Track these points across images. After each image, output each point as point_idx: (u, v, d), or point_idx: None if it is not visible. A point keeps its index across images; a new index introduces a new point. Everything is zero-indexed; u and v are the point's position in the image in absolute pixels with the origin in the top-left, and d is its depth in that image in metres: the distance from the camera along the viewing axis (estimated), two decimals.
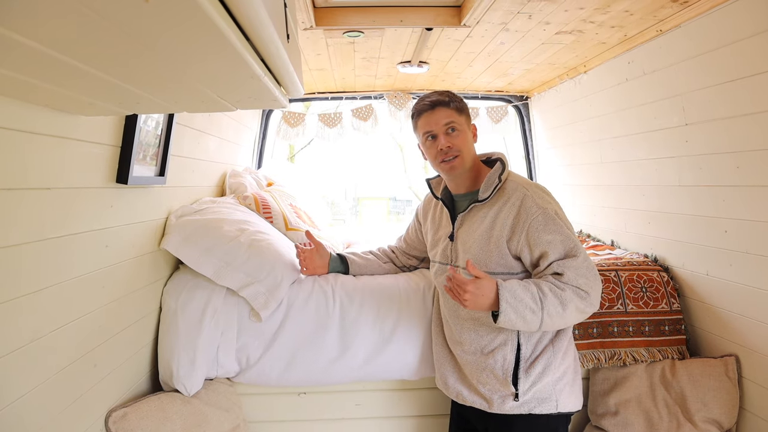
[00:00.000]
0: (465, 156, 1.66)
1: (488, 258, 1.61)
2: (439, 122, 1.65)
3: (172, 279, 2.02)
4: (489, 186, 1.63)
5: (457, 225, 1.71)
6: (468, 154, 1.67)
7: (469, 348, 1.70)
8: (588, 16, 2.00)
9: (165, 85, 0.97)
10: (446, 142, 1.64)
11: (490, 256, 1.61)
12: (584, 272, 1.53)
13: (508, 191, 1.62)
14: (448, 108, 1.65)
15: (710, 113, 1.95)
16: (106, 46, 0.71)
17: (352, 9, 2.09)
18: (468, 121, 1.70)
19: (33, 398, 1.22)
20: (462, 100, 1.70)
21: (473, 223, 1.66)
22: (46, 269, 1.24)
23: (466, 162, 1.66)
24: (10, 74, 0.82)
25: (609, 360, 2.09)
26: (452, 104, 1.66)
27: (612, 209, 2.83)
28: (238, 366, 1.99)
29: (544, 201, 1.59)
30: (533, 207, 1.56)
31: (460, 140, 1.65)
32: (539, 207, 1.56)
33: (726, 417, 1.95)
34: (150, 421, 1.68)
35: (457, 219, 1.70)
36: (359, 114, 3.57)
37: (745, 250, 1.85)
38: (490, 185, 1.63)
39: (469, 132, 1.69)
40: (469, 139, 1.69)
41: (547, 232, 1.54)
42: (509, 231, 1.58)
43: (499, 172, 1.64)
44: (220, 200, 2.38)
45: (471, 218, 1.67)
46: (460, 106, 1.67)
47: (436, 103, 1.65)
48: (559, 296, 1.49)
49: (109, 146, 1.48)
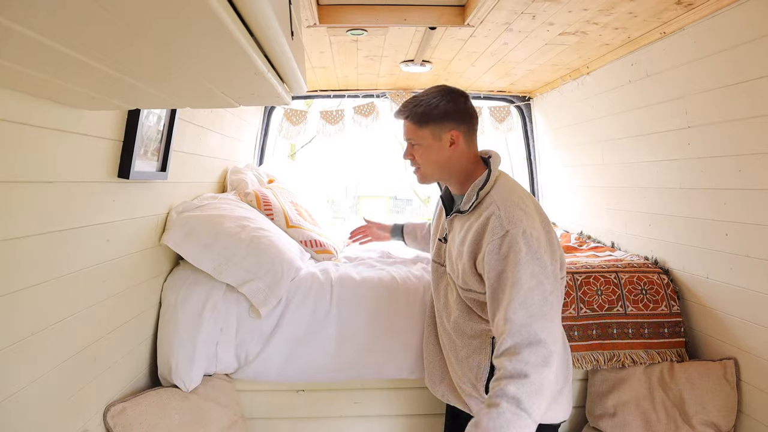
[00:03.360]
0: (424, 170, 1.61)
1: (461, 269, 1.54)
2: (403, 132, 1.63)
3: (173, 274, 2.02)
4: (470, 199, 1.54)
5: (448, 227, 1.66)
6: (428, 167, 1.60)
7: (451, 351, 1.66)
8: (592, 17, 2.00)
9: (169, 80, 0.97)
10: (406, 155, 1.63)
11: (463, 269, 1.53)
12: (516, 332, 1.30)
13: (484, 205, 1.50)
14: (407, 121, 1.60)
15: (713, 116, 1.95)
16: (109, 38, 0.71)
17: (356, 7, 2.09)
18: (438, 131, 1.56)
19: (32, 391, 1.22)
20: (434, 106, 1.55)
21: (456, 229, 1.61)
22: (47, 263, 1.25)
23: (427, 176, 1.62)
24: (10, 65, 0.82)
25: (608, 362, 2.10)
26: (412, 118, 1.58)
27: (613, 211, 2.83)
28: (237, 362, 1.99)
29: (515, 217, 1.42)
30: (497, 228, 1.42)
31: (418, 154, 1.60)
32: (503, 228, 1.41)
33: (724, 420, 1.95)
34: (148, 416, 1.68)
35: (447, 220, 1.66)
36: (361, 110, 3.57)
37: (746, 254, 1.85)
38: (470, 198, 1.53)
39: (438, 143, 1.56)
40: (434, 151, 1.57)
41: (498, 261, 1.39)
42: (476, 245, 1.47)
43: (480, 185, 1.52)
44: (221, 196, 2.38)
45: (455, 224, 1.62)
46: (421, 118, 1.56)
47: (398, 115, 1.63)
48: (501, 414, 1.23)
49: (111, 140, 1.48)
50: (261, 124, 3.59)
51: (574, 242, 3.01)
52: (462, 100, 1.59)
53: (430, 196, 10.86)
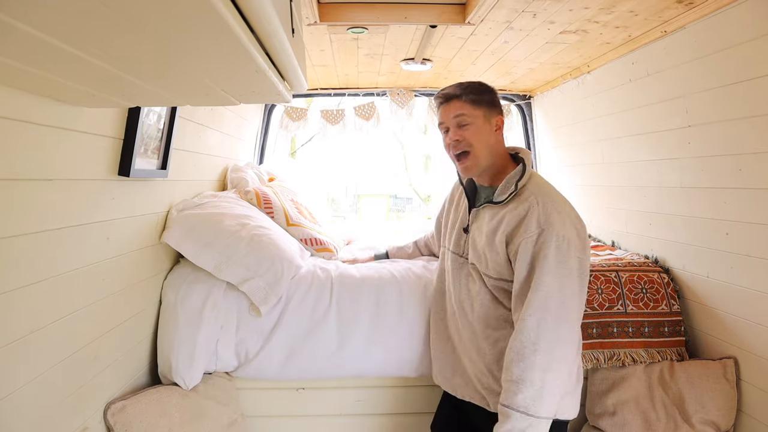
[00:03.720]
0: (477, 152, 1.59)
1: (491, 258, 1.57)
2: (449, 115, 1.62)
3: (173, 272, 2.02)
4: (505, 190, 1.56)
5: (471, 218, 1.68)
6: (482, 149, 1.60)
7: (472, 343, 1.67)
8: (593, 15, 1.99)
9: (169, 77, 0.97)
10: (455, 136, 1.61)
11: (495, 258, 1.56)
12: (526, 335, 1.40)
13: (522, 197, 1.53)
14: (459, 100, 1.60)
15: (713, 115, 1.94)
16: (109, 34, 0.70)
17: (357, 5, 2.09)
18: (489, 114, 1.61)
19: (32, 389, 1.22)
20: (484, 91, 1.62)
21: (484, 219, 1.62)
22: (46, 260, 1.24)
23: (480, 159, 1.60)
24: (10, 62, 0.82)
25: (608, 360, 2.10)
26: (465, 96, 1.59)
27: (613, 210, 2.83)
28: (237, 360, 1.99)
29: (551, 218, 1.46)
30: (533, 224, 1.46)
31: (470, 133, 1.59)
32: (540, 226, 1.46)
33: (723, 419, 1.95)
34: (148, 414, 1.68)
35: (473, 212, 1.67)
36: (361, 112, 3.57)
37: (746, 253, 1.85)
38: (506, 190, 1.56)
39: (488, 125, 1.61)
40: (485, 133, 1.60)
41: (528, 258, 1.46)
42: (509, 236, 1.51)
43: (517, 177, 1.56)
44: (221, 194, 2.38)
45: (483, 214, 1.64)
46: (476, 98, 1.60)
47: (449, 96, 1.62)
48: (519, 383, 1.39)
49: (111, 138, 1.48)
50: (261, 122, 3.59)
51: None
52: (497, 94, 1.68)
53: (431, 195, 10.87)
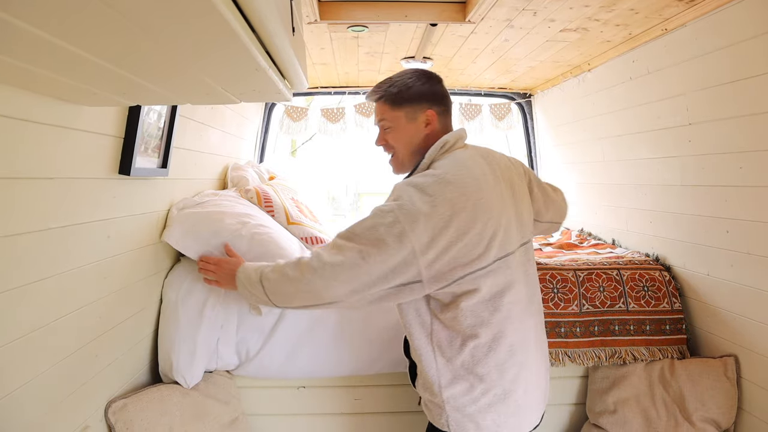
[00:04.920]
0: (399, 154, 1.53)
1: None
2: (375, 117, 1.55)
3: (173, 271, 2.02)
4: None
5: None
6: (404, 151, 1.51)
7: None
8: (593, 13, 1.99)
9: (169, 76, 0.97)
10: (378, 141, 1.56)
11: None
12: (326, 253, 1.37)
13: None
14: (379, 103, 1.52)
15: (714, 113, 1.94)
16: (110, 32, 0.70)
17: (357, 3, 2.09)
18: (413, 112, 1.48)
19: (34, 387, 1.22)
20: (406, 87, 1.48)
21: None
22: (47, 259, 1.24)
23: (404, 160, 1.53)
24: (11, 61, 0.82)
25: (609, 358, 2.10)
26: (385, 99, 1.50)
27: (614, 208, 2.83)
28: (238, 359, 2.00)
29: (403, 185, 1.36)
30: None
31: (391, 137, 1.52)
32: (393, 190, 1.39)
33: (724, 417, 1.95)
34: (149, 412, 1.68)
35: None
36: (362, 110, 3.57)
37: (747, 251, 1.85)
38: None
39: (413, 124, 1.48)
40: (408, 134, 1.49)
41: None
42: None
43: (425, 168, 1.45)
44: (221, 193, 2.38)
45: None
46: (396, 98, 1.48)
47: (370, 98, 1.55)
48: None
49: (112, 137, 1.48)
50: (262, 121, 3.59)
51: (575, 239, 3.01)
52: (436, 81, 1.53)
53: None
